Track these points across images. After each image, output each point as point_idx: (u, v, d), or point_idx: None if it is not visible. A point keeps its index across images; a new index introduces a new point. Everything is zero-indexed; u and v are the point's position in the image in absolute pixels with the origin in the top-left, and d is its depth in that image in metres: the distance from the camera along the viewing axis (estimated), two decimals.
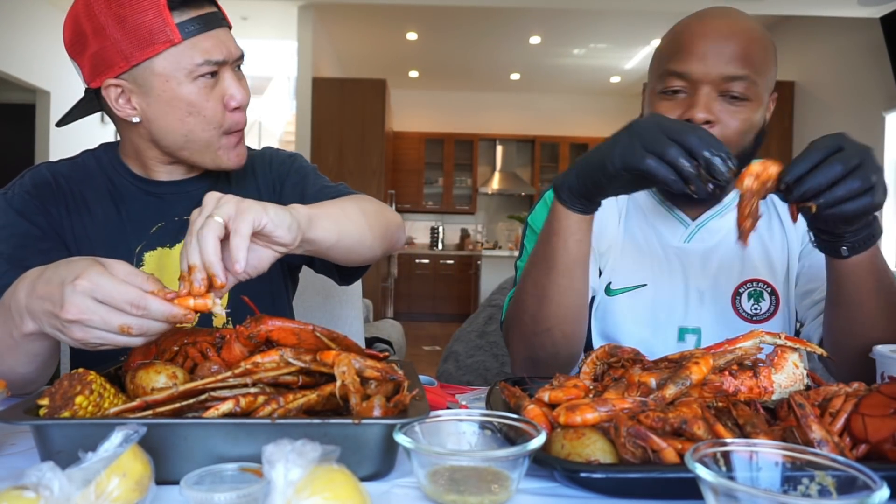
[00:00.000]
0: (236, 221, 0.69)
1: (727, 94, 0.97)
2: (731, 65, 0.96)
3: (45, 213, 1.04)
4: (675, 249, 1.13)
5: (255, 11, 6.65)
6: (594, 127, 9.26)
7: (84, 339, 0.67)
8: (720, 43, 0.97)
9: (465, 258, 8.81)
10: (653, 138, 0.77)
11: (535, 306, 0.96)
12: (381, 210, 1.04)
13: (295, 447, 0.47)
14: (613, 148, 0.81)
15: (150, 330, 0.67)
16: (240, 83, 1.01)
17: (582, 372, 0.80)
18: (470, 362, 1.78)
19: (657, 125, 0.78)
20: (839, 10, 5.31)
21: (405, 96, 9.20)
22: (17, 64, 5.62)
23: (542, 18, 6.40)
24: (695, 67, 0.97)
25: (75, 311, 0.65)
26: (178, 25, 0.92)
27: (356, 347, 0.74)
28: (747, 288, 1.11)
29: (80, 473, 0.48)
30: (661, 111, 1.01)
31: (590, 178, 0.85)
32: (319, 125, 6.58)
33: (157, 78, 0.95)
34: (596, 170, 0.83)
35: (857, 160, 0.74)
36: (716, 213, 1.12)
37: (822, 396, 0.68)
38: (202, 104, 0.97)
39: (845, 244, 0.84)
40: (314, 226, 0.81)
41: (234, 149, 1.04)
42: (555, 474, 0.61)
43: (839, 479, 0.50)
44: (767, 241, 1.13)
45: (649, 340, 1.12)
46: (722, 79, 0.96)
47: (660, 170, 0.76)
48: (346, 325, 1.48)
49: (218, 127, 1.00)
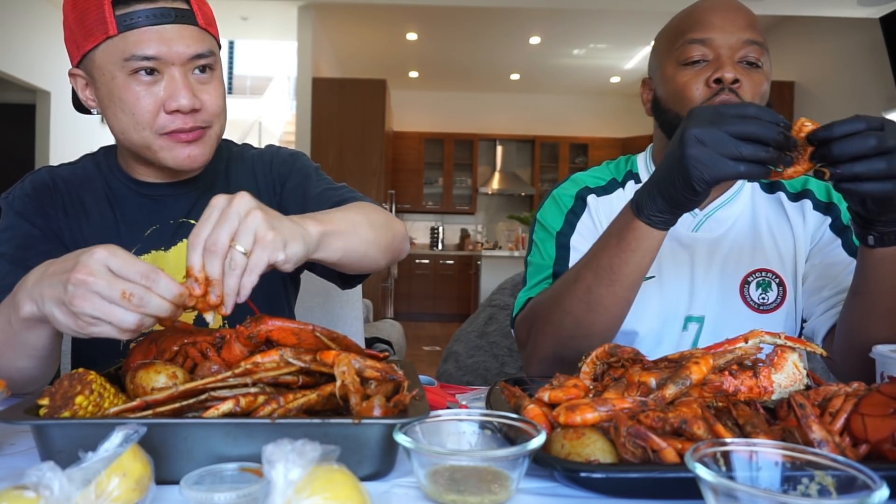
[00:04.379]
0: (253, 257, 0.68)
1: (744, 60, 1.03)
2: (747, 31, 1.03)
3: (43, 215, 1.05)
4: (684, 239, 1.13)
5: (254, 11, 6.66)
6: (594, 127, 9.27)
7: (82, 308, 0.65)
8: (734, 13, 1.04)
9: (465, 258, 8.81)
10: (724, 142, 0.74)
11: (582, 312, 0.94)
12: (389, 222, 1.02)
13: (295, 447, 0.47)
14: (693, 165, 0.76)
15: (150, 304, 0.66)
16: (185, 85, 0.94)
17: (582, 372, 0.80)
18: (470, 362, 1.78)
19: (714, 125, 0.75)
20: (839, 10, 5.31)
21: (405, 96, 9.21)
22: (17, 64, 5.62)
23: (542, 18, 6.40)
24: (716, 34, 1.03)
25: (85, 271, 0.65)
26: (117, 17, 0.90)
27: (356, 347, 0.74)
28: (756, 277, 1.11)
29: (80, 473, 0.48)
30: (684, 81, 1.05)
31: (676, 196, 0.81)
32: (319, 125, 6.58)
33: (97, 70, 0.94)
34: (681, 188, 0.80)
35: (893, 143, 0.71)
36: (723, 203, 1.13)
37: (822, 396, 0.68)
38: (133, 102, 0.93)
39: (874, 233, 0.83)
40: (322, 247, 0.81)
41: (181, 148, 0.98)
42: (555, 474, 0.61)
43: (839, 479, 0.50)
44: (777, 232, 1.13)
45: (658, 331, 1.12)
46: (741, 44, 1.02)
47: (751, 169, 0.74)
48: (346, 325, 1.48)
49: (149, 128, 0.95)
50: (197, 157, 1.00)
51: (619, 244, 0.89)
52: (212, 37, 0.99)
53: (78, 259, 0.66)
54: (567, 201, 1.19)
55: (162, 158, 0.99)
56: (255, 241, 0.68)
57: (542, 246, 1.17)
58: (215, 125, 1.01)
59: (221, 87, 1.01)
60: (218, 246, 0.67)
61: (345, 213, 0.92)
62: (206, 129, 1.00)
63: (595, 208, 1.17)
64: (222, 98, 1.01)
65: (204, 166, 1.04)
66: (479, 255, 8.11)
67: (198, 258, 0.67)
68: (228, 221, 0.68)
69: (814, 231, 1.12)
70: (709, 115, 0.76)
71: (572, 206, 1.18)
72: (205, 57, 0.96)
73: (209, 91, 0.98)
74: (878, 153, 0.72)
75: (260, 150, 1.23)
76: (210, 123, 1.00)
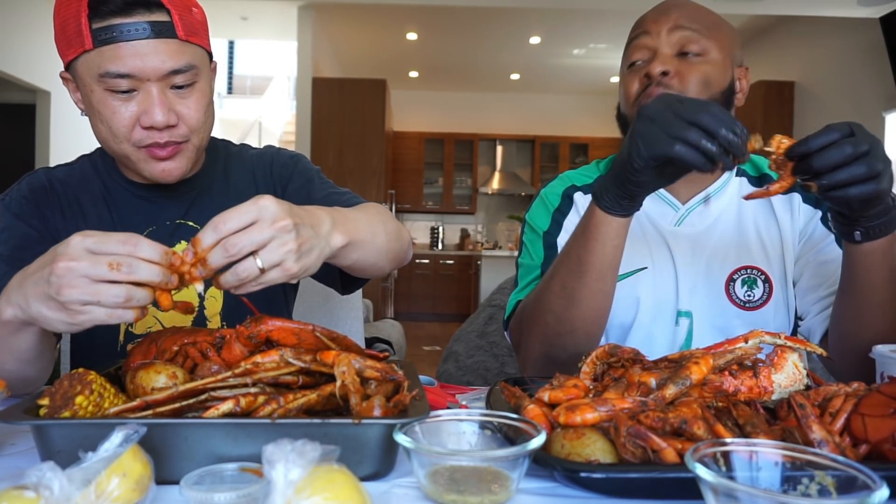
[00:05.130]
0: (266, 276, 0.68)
1: (683, 53, 1.06)
2: (679, 21, 1.06)
3: (41, 216, 1.05)
4: (668, 233, 1.13)
5: (254, 11, 6.66)
6: (594, 127, 9.27)
7: (70, 295, 0.64)
8: (669, 11, 1.09)
9: (465, 258, 8.81)
10: (670, 123, 0.76)
11: (561, 308, 0.95)
12: (400, 231, 1.02)
13: (295, 447, 0.47)
14: (636, 140, 0.79)
15: (138, 269, 0.65)
16: (161, 101, 0.92)
17: (582, 372, 0.80)
18: (470, 362, 1.78)
19: (669, 108, 0.77)
20: (839, 10, 5.31)
21: (405, 96, 9.20)
22: (17, 64, 5.62)
23: (542, 18, 6.40)
24: (650, 29, 1.08)
25: (66, 258, 0.64)
26: (93, 31, 0.89)
27: (356, 347, 0.74)
28: (742, 274, 1.11)
29: (80, 473, 0.48)
30: (627, 83, 1.10)
31: (622, 177, 0.83)
32: (319, 125, 6.58)
33: (79, 80, 0.94)
34: (625, 166, 0.82)
35: (866, 146, 0.74)
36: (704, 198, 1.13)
37: (822, 396, 0.68)
38: (109, 116, 0.93)
39: (859, 228, 0.84)
40: (337, 257, 0.81)
41: (157, 163, 0.98)
42: (555, 474, 0.61)
43: (839, 479, 0.50)
44: (762, 228, 1.13)
45: (649, 324, 1.12)
46: (674, 38, 1.06)
47: (689, 154, 0.75)
48: (346, 325, 1.48)
49: (126, 141, 0.95)
50: (172, 171, 0.99)
51: (584, 235, 0.91)
52: (196, 47, 0.96)
53: (55, 251, 0.66)
54: (554, 200, 1.19)
55: (141, 170, 1.00)
56: (278, 264, 0.68)
57: (531, 247, 1.18)
58: (194, 138, 0.99)
59: (203, 99, 0.99)
60: (236, 249, 0.66)
61: (368, 220, 0.91)
62: (184, 144, 0.98)
63: (582, 205, 1.18)
64: (202, 111, 0.98)
65: (183, 178, 1.02)
66: (479, 255, 8.11)
67: (209, 240, 0.66)
68: (261, 233, 0.66)
69: (804, 225, 1.12)
70: (669, 100, 0.79)
71: (559, 206, 1.19)
72: (182, 72, 0.93)
73: (188, 105, 0.96)
74: (855, 158, 0.74)
75: (259, 151, 1.23)
76: (187, 138, 0.98)
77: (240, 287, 0.68)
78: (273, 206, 0.68)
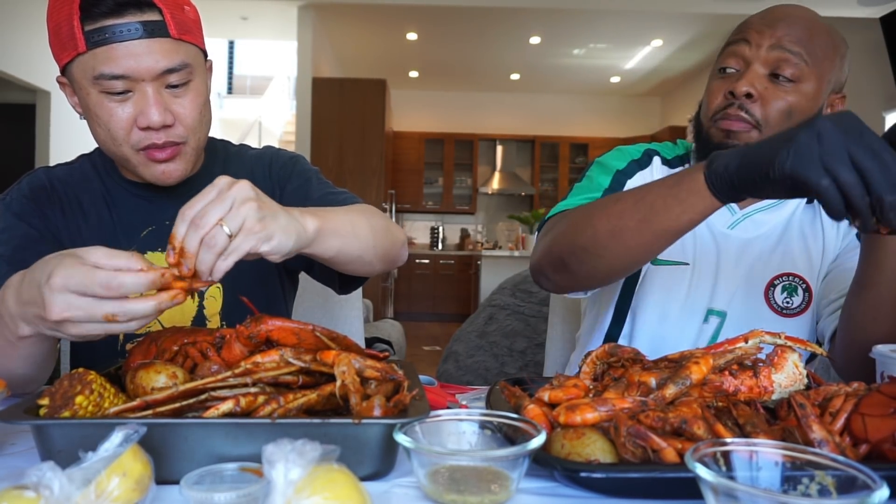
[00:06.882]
0: (234, 241, 0.68)
1: (777, 74, 0.99)
2: (783, 42, 0.99)
3: (41, 216, 1.05)
4: (718, 234, 1.13)
5: (254, 11, 6.66)
6: (594, 127, 9.27)
7: (79, 333, 0.67)
8: (776, 24, 1.00)
9: (465, 258, 8.81)
10: (834, 153, 0.66)
11: (604, 232, 0.90)
12: (389, 227, 1.02)
13: (295, 447, 0.47)
14: (789, 149, 0.68)
15: (135, 313, 0.65)
16: (156, 101, 0.92)
17: (582, 372, 0.80)
18: (470, 362, 1.78)
19: (843, 134, 0.66)
20: (839, 10, 5.31)
21: (405, 96, 9.21)
22: (17, 64, 5.62)
23: (542, 18, 6.40)
24: (749, 42, 1.01)
25: (58, 310, 0.65)
26: (85, 34, 0.89)
27: (356, 347, 0.74)
28: (783, 281, 1.11)
29: (80, 473, 0.48)
30: (712, 90, 1.04)
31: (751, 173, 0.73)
32: (319, 125, 6.58)
33: (75, 84, 0.94)
34: (759, 167, 0.72)
35: None
36: (764, 207, 1.13)
37: (822, 396, 0.68)
38: (107, 118, 0.93)
39: None
40: (316, 243, 0.81)
41: (156, 165, 0.98)
42: (555, 474, 0.61)
43: (839, 479, 0.50)
44: (810, 238, 1.13)
45: (673, 317, 1.12)
46: (772, 56, 0.99)
47: (832, 196, 0.66)
48: (346, 325, 1.48)
49: (125, 143, 0.95)
50: (172, 173, 0.99)
51: (672, 188, 0.84)
52: (189, 45, 0.96)
53: (42, 296, 0.65)
54: (635, 152, 1.18)
55: (141, 173, 1.00)
56: (242, 228, 0.69)
57: (596, 178, 1.14)
58: (191, 140, 0.99)
59: (199, 98, 0.98)
60: (203, 222, 0.67)
61: (347, 213, 0.92)
62: (182, 145, 0.98)
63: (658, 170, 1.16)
64: (198, 110, 0.98)
65: (182, 180, 1.02)
66: (479, 255, 8.11)
67: (182, 229, 0.67)
68: (222, 203, 0.68)
69: (844, 234, 1.12)
70: (849, 125, 0.68)
71: (639, 158, 1.17)
72: (176, 71, 0.93)
73: (184, 104, 0.96)
74: None
75: (259, 151, 1.23)
76: (185, 139, 0.98)
77: (217, 264, 0.68)
78: (228, 179, 0.71)
